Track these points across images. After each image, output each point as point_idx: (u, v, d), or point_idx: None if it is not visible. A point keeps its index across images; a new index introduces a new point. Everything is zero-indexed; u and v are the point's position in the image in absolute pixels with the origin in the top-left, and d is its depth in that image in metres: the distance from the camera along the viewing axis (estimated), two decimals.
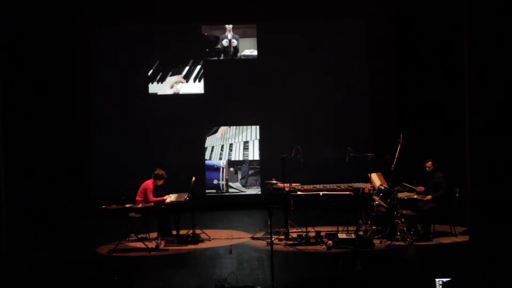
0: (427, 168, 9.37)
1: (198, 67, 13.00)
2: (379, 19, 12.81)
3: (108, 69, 12.88)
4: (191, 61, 13.02)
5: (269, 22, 12.95)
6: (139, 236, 9.16)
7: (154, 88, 13.02)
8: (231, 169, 13.00)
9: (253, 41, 12.99)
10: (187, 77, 13.05)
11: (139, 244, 9.06)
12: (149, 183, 9.43)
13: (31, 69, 11.08)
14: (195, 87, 13.04)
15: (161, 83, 13.02)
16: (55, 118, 11.81)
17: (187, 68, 13.01)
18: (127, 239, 9.30)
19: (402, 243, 8.74)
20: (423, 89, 11.96)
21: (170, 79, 13.00)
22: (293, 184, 9.54)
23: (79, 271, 6.83)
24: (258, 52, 12.98)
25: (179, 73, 13.05)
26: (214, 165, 13.02)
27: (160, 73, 13.02)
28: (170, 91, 12.99)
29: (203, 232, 9.64)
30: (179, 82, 12.95)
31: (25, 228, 9.94)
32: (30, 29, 11.02)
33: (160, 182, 9.54)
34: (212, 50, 12.97)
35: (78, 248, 9.22)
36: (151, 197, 9.34)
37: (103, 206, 8.91)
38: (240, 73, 12.97)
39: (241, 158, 12.91)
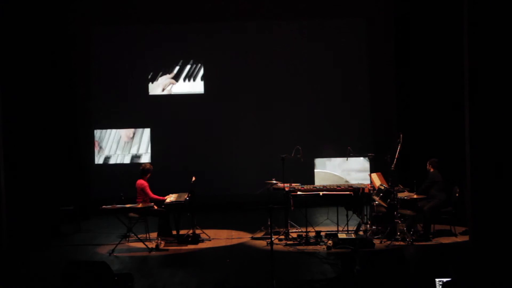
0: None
1: (197, 66, 13.02)
2: (379, 19, 12.81)
3: (108, 69, 12.89)
4: (191, 60, 13.04)
5: (269, 22, 12.95)
6: (139, 236, 9.16)
7: (154, 87, 13.02)
8: None
9: (252, 40, 12.99)
10: (185, 77, 13.05)
11: (139, 244, 9.06)
12: (142, 182, 9.42)
13: (31, 69, 11.08)
14: (195, 86, 13.05)
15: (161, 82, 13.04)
16: (55, 118, 11.81)
17: (188, 67, 13.04)
18: (127, 239, 9.31)
19: (402, 243, 8.74)
20: (423, 89, 11.96)
21: (161, 81, 13.01)
22: (293, 184, 9.54)
23: (79, 271, 6.82)
24: (257, 51, 12.98)
25: (179, 72, 13.05)
26: None
27: (160, 73, 13.03)
28: (164, 92, 13.00)
29: (203, 232, 9.64)
30: (170, 83, 12.95)
31: (25, 228, 9.94)
32: (30, 29, 11.02)
33: (149, 175, 9.54)
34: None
35: (78, 248, 9.22)
36: (151, 194, 9.34)
37: (103, 206, 8.91)
38: (240, 72, 12.98)
39: None
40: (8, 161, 9.40)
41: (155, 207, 9.33)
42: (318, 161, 12.51)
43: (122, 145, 12.94)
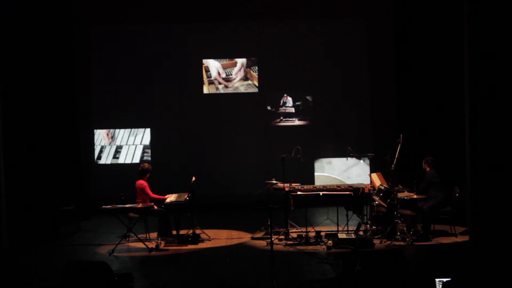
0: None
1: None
2: (379, 19, 12.82)
3: (108, 69, 12.89)
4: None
5: (269, 22, 12.95)
6: (139, 236, 9.16)
7: (154, 87, 13.02)
8: None
9: (252, 40, 13.00)
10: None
11: (139, 244, 9.06)
12: (142, 182, 9.42)
13: (31, 69, 11.09)
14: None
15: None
16: (55, 118, 11.81)
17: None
18: (127, 239, 9.31)
19: (402, 243, 8.74)
20: (423, 89, 11.96)
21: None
22: (293, 184, 9.54)
23: (79, 271, 6.82)
24: (257, 51, 12.99)
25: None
26: None
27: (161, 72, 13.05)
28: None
29: (203, 232, 9.64)
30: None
31: (25, 228, 9.94)
32: (30, 29, 11.03)
33: (148, 175, 9.55)
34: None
35: (78, 248, 9.23)
36: (151, 194, 9.35)
37: (103, 206, 8.91)
38: (240, 72, 12.98)
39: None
40: (8, 161, 9.40)
41: (155, 207, 9.33)
42: (317, 165, 12.54)
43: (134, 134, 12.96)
